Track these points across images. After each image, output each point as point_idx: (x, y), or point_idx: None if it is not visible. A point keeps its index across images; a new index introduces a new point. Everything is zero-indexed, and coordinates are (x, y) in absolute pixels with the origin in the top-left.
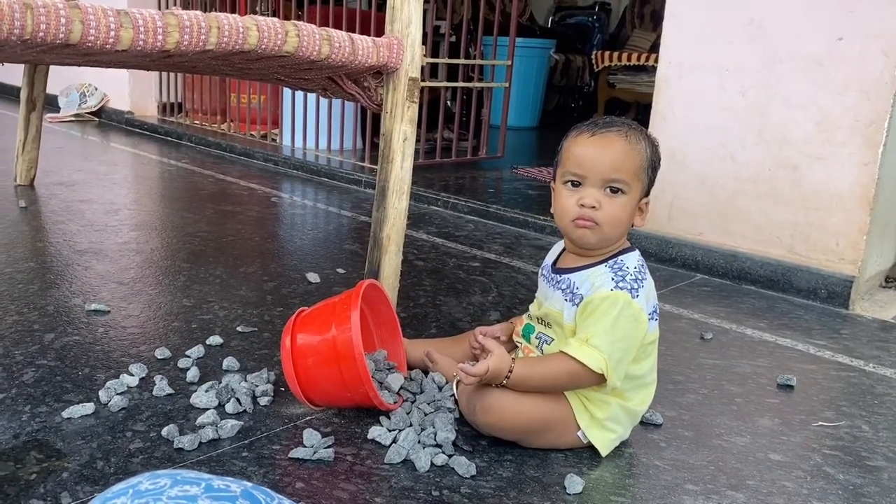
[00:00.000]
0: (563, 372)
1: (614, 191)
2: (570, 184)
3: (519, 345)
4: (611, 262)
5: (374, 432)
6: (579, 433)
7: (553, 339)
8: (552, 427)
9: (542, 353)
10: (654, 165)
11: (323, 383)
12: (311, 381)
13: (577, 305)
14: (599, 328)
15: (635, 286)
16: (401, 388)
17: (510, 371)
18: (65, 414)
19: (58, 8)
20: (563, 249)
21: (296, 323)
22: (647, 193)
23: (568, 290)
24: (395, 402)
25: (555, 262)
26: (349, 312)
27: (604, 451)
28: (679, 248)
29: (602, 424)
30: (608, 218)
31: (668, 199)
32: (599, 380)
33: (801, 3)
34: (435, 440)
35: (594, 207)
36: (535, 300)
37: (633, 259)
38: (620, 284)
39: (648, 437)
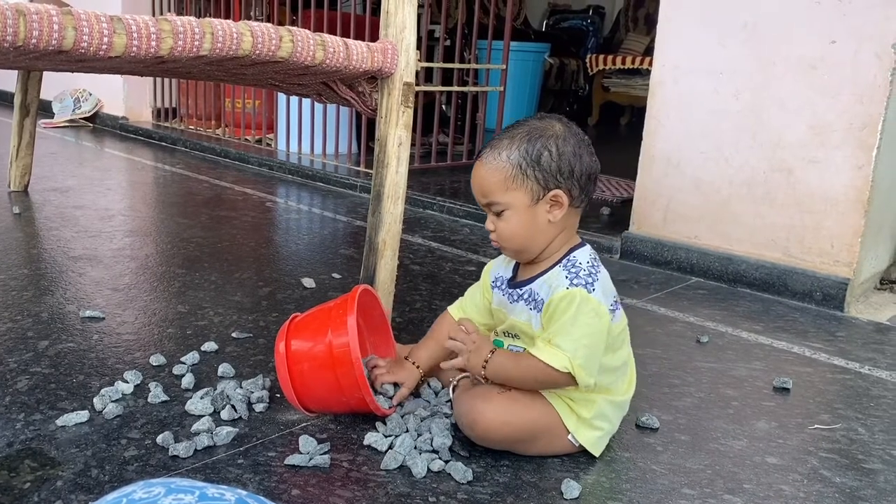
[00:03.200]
0: (537, 370)
1: (497, 212)
2: None
3: None
4: (563, 261)
5: (371, 438)
6: (570, 437)
7: (525, 349)
8: (540, 435)
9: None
10: (532, 161)
11: (318, 389)
12: (306, 387)
13: (542, 311)
14: (559, 327)
15: (590, 280)
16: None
17: (486, 360)
18: (59, 422)
19: (50, 14)
20: (517, 262)
21: (290, 328)
22: (555, 186)
23: (530, 299)
24: (390, 408)
25: (513, 277)
26: (345, 317)
27: (595, 451)
28: (674, 251)
29: (590, 424)
30: (503, 236)
31: (663, 202)
32: (570, 379)
33: (795, 6)
34: (431, 446)
35: (492, 231)
36: (471, 305)
37: (585, 254)
38: (575, 281)
39: (645, 441)
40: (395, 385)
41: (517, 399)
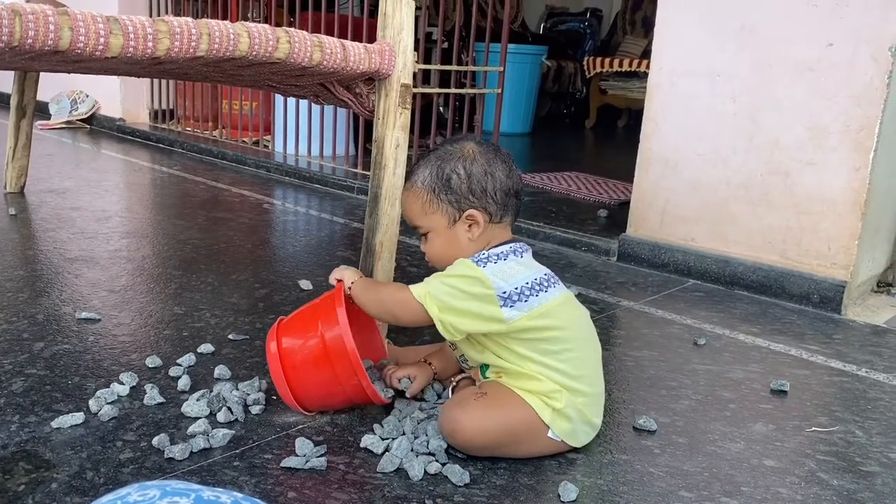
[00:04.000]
0: (391, 297)
1: (423, 234)
2: None
3: (468, 370)
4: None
5: (367, 440)
6: (550, 433)
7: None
8: (522, 436)
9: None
10: (443, 185)
11: (314, 384)
12: (302, 383)
13: None
14: (437, 275)
15: (483, 260)
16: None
17: (353, 282)
18: (54, 424)
19: (46, 15)
20: None
21: (279, 329)
22: (469, 206)
23: None
24: (389, 398)
25: None
26: (334, 309)
27: (574, 442)
28: (671, 253)
29: (564, 414)
30: (431, 256)
31: (660, 204)
32: (421, 312)
33: (792, 9)
34: (428, 448)
35: (424, 252)
36: None
37: (494, 250)
38: (469, 260)
39: (642, 443)
40: (410, 380)
41: (493, 402)
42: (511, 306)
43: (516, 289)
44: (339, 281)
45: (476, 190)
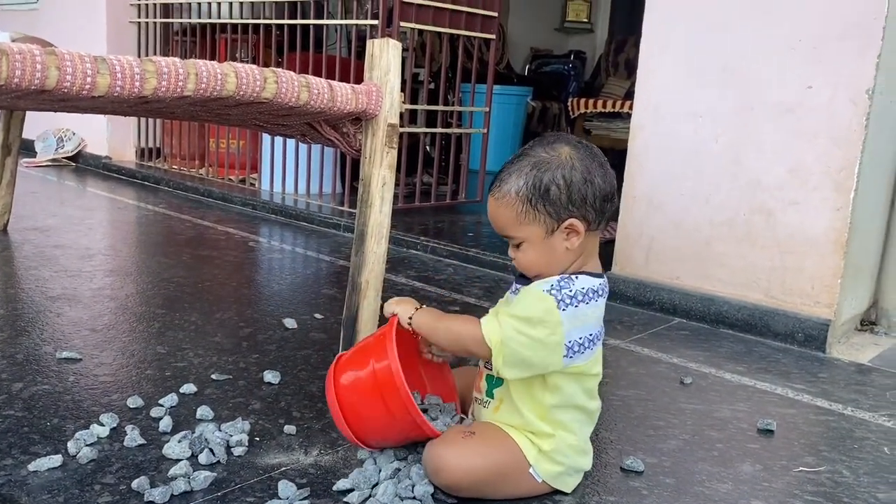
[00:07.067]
0: (465, 331)
1: (515, 244)
2: None
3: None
4: (564, 275)
5: (346, 484)
6: (531, 470)
7: None
8: (507, 474)
9: (484, 366)
10: (541, 195)
11: (370, 420)
12: (359, 420)
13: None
14: (512, 310)
15: (567, 302)
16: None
17: (416, 308)
18: (31, 467)
19: (34, 54)
20: None
21: (337, 366)
22: (568, 216)
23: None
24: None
25: (522, 274)
26: (384, 343)
27: (559, 486)
28: (656, 291)
29: (550, 458)
30: (522, 265)
31: (645, 243)
32: (486, 353)
33: (772, 52)
34: (413, 493)
35: (513, 259)
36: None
37: (585, 282)
38: (552, 292)
39: (630, 484)
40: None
41: (481, 440)
42: (571, 357)
43: (580, 339)
44: (393, 315)
45: (576, 199)
